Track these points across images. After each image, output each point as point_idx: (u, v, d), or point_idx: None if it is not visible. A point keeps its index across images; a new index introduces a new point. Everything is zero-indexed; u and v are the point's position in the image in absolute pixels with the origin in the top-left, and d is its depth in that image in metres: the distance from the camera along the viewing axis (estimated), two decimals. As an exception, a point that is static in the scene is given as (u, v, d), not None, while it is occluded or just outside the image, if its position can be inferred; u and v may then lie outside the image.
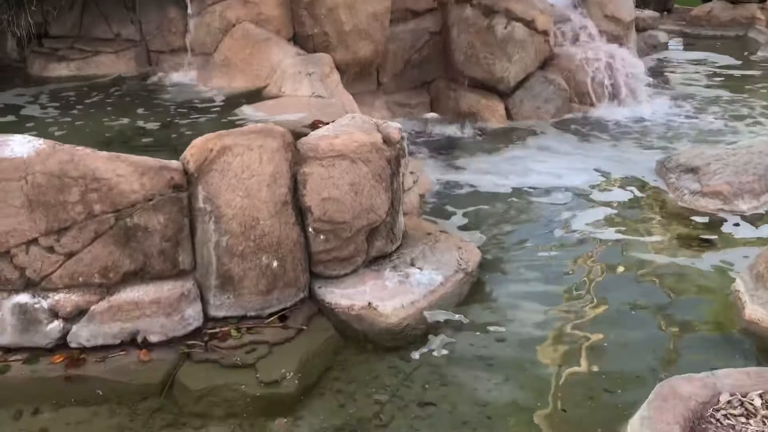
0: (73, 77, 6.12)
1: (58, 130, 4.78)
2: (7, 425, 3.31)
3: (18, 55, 6.49)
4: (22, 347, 3.59)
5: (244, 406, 3.39)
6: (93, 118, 5.17)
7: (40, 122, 5.01)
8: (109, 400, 3.46)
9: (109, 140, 4.63)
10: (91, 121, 5.09)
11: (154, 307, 3.63)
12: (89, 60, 6.26)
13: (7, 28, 6.12)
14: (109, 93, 5.84)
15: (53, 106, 5.46)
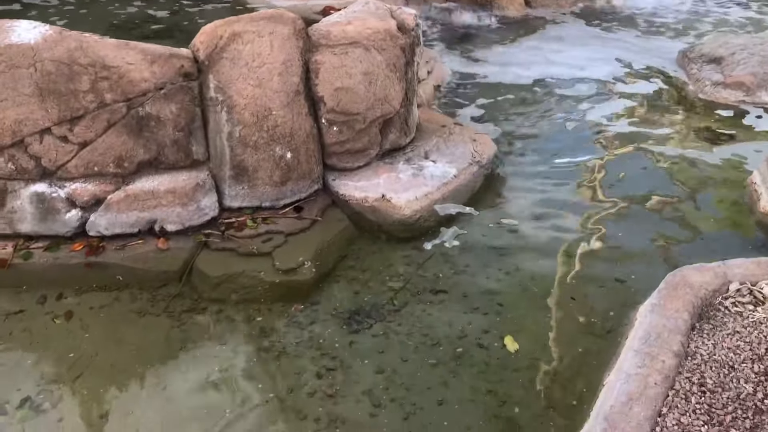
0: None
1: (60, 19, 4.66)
2: (33, 309, 3.43)
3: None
4: (43, 235, 3.66)
5: (262, 293, 3.48)
6: (98, 5, 5.02)
7: (42, 10, 4.87)
8: (129, 286, 3.56)
9: (117, 27, 4.52)
10: (96, 8, 4.95)
11: (170, 197, 3.66)
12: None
13: None
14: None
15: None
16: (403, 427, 2.77)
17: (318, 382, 3.01)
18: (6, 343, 3.23)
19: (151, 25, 4.65)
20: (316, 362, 3.12)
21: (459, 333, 3.23)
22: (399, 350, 3.15)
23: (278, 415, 2.84)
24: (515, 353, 3.10)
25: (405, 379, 2.99)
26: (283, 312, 3.41)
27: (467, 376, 2.99)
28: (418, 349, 3.15)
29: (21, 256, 3.56)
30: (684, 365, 2.63)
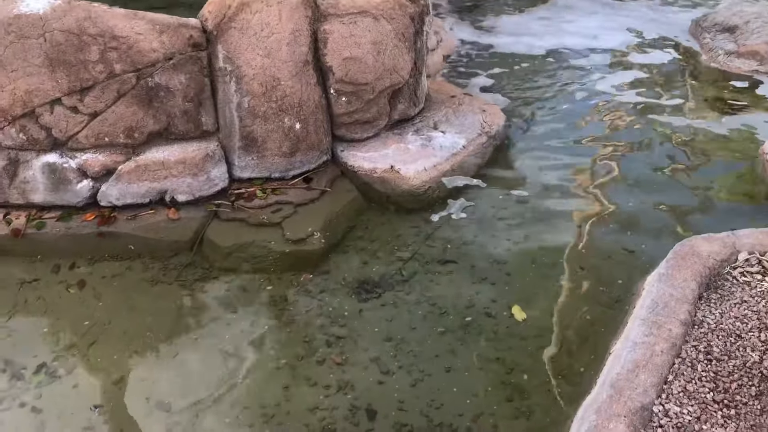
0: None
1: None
2: (48, 278, 3.48)
3: None
4: (55, 205, 3.70)
5: (272, 262, 3.51)
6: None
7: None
8: (141, 255, 3.61)
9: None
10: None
11: (180, 168, 3.68)
12: None
13: None
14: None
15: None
16: (412, 394, 2.81)
17: (328, 349, 3.05)
18: (21, 311, 3.29)
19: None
20: (326, 330, 3.16)
21: (467, 302, 3.25)
22: (407, 319, 3.19)
23: (289, 381, 2.89)
24: (523, 322, 3.13)
25: (413, 347, 3.03)
26: (293, 281, 3.45)
27: (475, 344, 3.02)
28: (426, 318, 3.19)
29: (34, 226, 3.61)
30: (691, 334, 2.65)
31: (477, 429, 2.63)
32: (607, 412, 2.33)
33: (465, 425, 2.65)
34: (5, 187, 3.64)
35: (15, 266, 3.54)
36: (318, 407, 2.77)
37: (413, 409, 2.74)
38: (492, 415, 2.68)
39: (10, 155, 3.65)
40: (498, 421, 2.65)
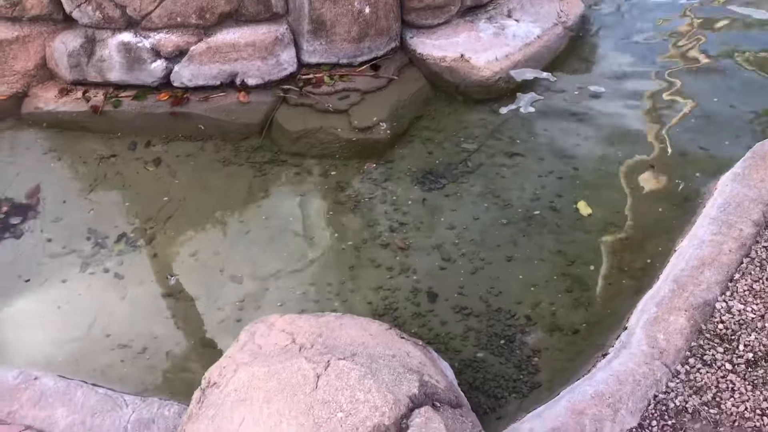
0: None
1: None
2: (125, 154, 3.63)
3: None
4: (130, 84, 3.80)
5: (338, 149, 3.56)
6: None
7: None
8: (213, 136, 3.70)
9: None
10: None
11: (250, 50, 3.69)
12: None
13: None
14: None
15: None
16: (472, 280, 2.88)
17: (391, 234, 3.13)
18: (101, 185, 3.46)
19: None
20: (389, 217, 3.22)
21: (531, 195, 3.25)
22: (471, 209, 3.22)
23: (354, 262, 3.00)
24: (588, 217, 3.12)
25: (475, 236, 3.07)
26: (358, 168, 3.50)
27: (537, 236, 3.04)
28: (490, 209, 3.21)
29: (111, 104, 3.73)
30: (762, 235, 2.60)
31: (535, 316, 2.70)
32: (668, 306, 2.34)
33: (523, 312, 2.72)
34: (83, 65, 3.73)
35: (94, 142, 3.70)
36: (381, 287, 2.88)
37: (473, 294, 2.81)
38: (551, 304, 2.73)
39: (87, 33, 3.72)
40: (557, 310, 2.71)
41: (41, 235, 3.17)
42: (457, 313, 2.75)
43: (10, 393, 2.20)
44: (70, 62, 3.71)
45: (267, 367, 1.87)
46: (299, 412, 1.73)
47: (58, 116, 3.72)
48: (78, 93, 3.79)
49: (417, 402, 1.81)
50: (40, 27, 3.78)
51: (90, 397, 2.20)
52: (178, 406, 2.23)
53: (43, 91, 3.83)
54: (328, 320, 2.17)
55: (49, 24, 3.78)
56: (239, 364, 1.96)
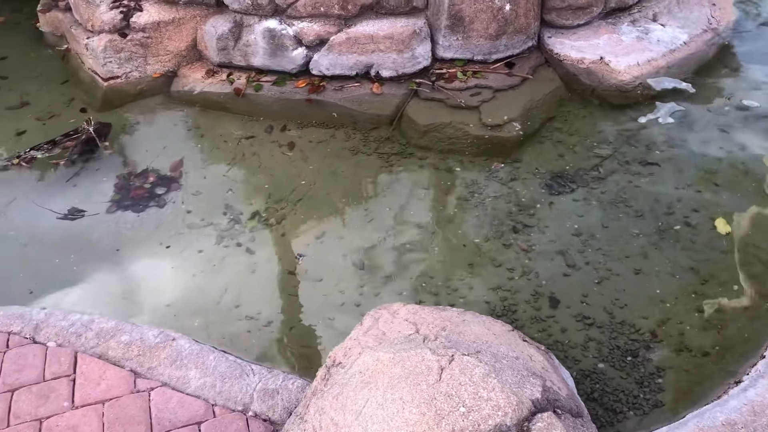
0: None
1: None
2: (262, 136, 3.80)
3: None
4: (271, 70, 3.96)
5: (466, 145, 3.56)
6: None
7: None
8: (344, 125, 3.80)
9: None
10: None
11: (388, 43, 3.75)
12: None
13: None
14: None
15: None
16: (596, 290, 2.80)
17: (514, 235, 3.10)
18: (239, 163, 3.64)
19: None
20: (514, 217, 3.19)
21: (666, 208, 3.12)
22: (600, 217, 3.13)
23: (474, 259, 3.00)
24: (726, 236, 2.95)
25: (603, 245, 2.99)
26: (485, 166, 3.49)
27: (670, 251, 2.91)
28: (621, 218, 3.11)
29: (253, 87, 3.91)
30: None
31: (661, 333, 2.59)
32: (815, 339, 2.19)
33: (649, 328, 2.62)
34: (230, 49, 3.94)
35: (234, 123, 3.89)
36: (501, 287, 2.86)
37: (596, 304, 2.74)
38: (680, 322, 2.62)
39: (236, 18, 3.92)
40: (686, 329, 2.59)
41: (182, 207, 3.38)
42: (579, 321, 2.69)
43: (150, 351, 2.38)
44: (218, 45, 3.93)
45: (392, 353, 1.92)
46: (422, 401, 1.76)
47: (204, 96, 3.95)
48: (223, 75, 4.01)
49: (539, 407, 1.80)
50: (193, 10, 4.02)
51: (221, 363, 2.34)
52: (301, 380, 2.33)
53: (191, 72, 4.07)
54: (451, 315, 2.19)
55: (202, 8, 4.02)
56: (364, 348, 2.01)
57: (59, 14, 4.48)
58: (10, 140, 3.79)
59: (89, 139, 3.65)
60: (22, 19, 4.80)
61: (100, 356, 2.35)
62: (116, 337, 2.40)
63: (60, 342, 2.40)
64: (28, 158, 3.59)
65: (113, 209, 3.37)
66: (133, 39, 3.94)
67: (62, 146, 3.65)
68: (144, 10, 3.97)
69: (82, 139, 3.65)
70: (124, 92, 4.02)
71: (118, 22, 3.91)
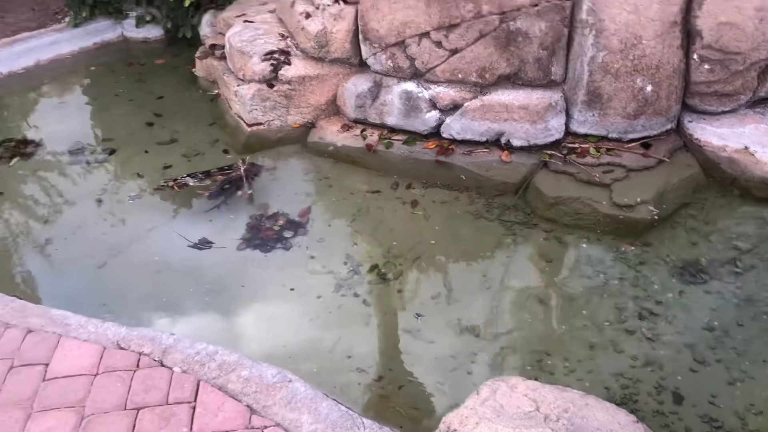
0: None
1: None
2: (387, 192, 3.89)
3: None
4: (403, 129, 4.08)
5: (594, 222, 3.49)
6: None
7: None
8: (469, 189, 3.83)
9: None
10: None
11: (522, 113, 3.78)
12: None
13: None
14: None
15: None
16: (727, 391, 2.62)
17: (639, 322, 2.97)
18: (363, 216, 3.73)
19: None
20: (639, 303, 3.07)
21: (812, 313, 2.90)
22: (735, 313, 2.95)
23: (595, 341, 2.89)
24: None
25: (737, 344, 2.80)
26: (612, 246, 3.39)
27: (814, 360, 2.70)
28: (758, 317, 2.91)
29: (384, 144, 4.03)
30: None
31: (801, 450, 2.38)
32: None
33: (787, 442, 2.42)
34: (367, 106, 4.10)
35: (362, 176, 4.01)
36: (622, 374, 2.74)
37: (727, 407, 2.56)
38: (824, 441, 2.40)
39: (376, 79, 4.09)
40: (831, 450, 2.37)
41: (306, 252, 3.49)
42: (706, 422, 2.52)
43: (267, 389, 2.44)
44: (356, 102, 4.10)
45: (511, 428, 1.87)
46: (540, 484, 1.70)
47: (337, 148, 4.11)
48: (357, 130, 4.16)
49: None
50: (337, 68, 4.23)
51: (333, 411, 2.35)
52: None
53: (328, 125, 4.26)
54: (573, 396, 2.11)
55: (346, 67, 4.22)
56: (481, 418, 1.98)
57: (214, 61, 4.85)
58: (157, 172, 4.09)
59: (238, 177, 3.87)
60: (181, 63, 5.22)
61: (220, 387, 2.43)
62: (237, 371, 2.48)
63: (185, 369, 2.51)
64: (182, 183, 3.86)
65: (243, 246, 3.53)
66: (279, 90, 4.18)
67: (213, 179, 3.90)
68: (292, 64, 4.22)
69: (232, 176, 3.89)
70: (265, 138, 4.26)
71: (267, 73, 4.18)
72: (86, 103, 5.03)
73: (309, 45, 4.21)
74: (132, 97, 4.90)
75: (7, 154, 4.31)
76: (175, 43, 5.48)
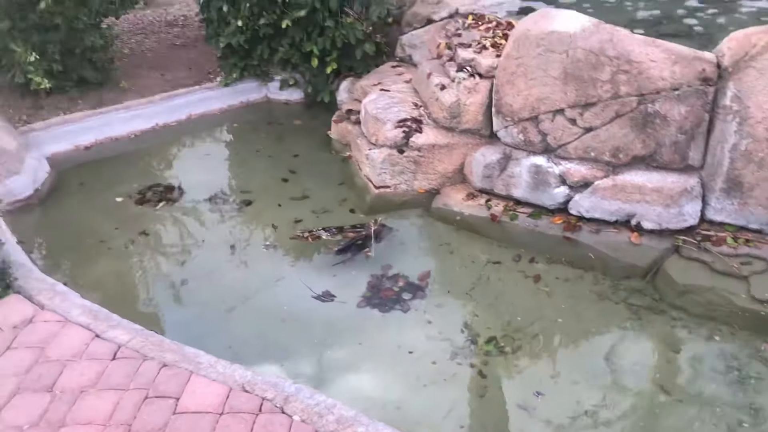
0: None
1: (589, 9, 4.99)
2: (508, 265, 3.88)
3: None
4: (529, 202, 4.08)
5: (728, 315, 3.31)
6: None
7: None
8: (595, 268, 3.75)
9: (637, 23, 4.66)
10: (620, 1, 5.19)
11: (655, 196, 3.69)
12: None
13: None
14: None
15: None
16: None
17: (777, 427, 2.76)
18: (483, 285, 3.73)
19: (670, 24, 4.67)
20: (780, 407, 2.85)
21: None
22: None
23: (727, 443, 2.71)
24: None
25: None
26: (749, 342, 3.20)
27: None
28: None
29: (508, 216, 4.04)
30: None
31: None
32: None
33: None
34: (493, 177, 4.15)
35: (484, 246, 4.03)
36: (757, 483, 2.54)
37: None
38: None
39: (505, 151, 4.14)
40: None
41: (424, 316, 3.52)
42: None
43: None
44: (483, 173, 4.16)
45: None
46: None
47: (460, 216, 4.16)
48: (481, 200, 4.20)
49: None
50: (467, 139, 4.32)
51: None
52: None
53: (453, 192, 4.33)
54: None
55: (476, 138, 4.31)
56: None
57: (349, 126, 5.09)
58: (287, 225, 4.29)
59: (368, 236, 4.00)
60: (317, 125, 5.52)
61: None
62: (353, 427, 2.51)
63: (304, 418, 2.57)
64: (316, 235, 4.03)
65: (363, 304, 3.61)
66: (408, 156, 4.32)
67: (344, 234, 4.04)
68: (423, 132, 4.36)
69: (362, 234, 4.02)
70: (390, 201, 4.39)
71: (399, 139, 4.34)
72: (228, 156, 5.41)
73: (441, 115, 4.35)
74: (270, 154, 5.22)
75: (155, 198, 4.68)
76: (313, 106, 5.81)
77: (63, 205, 4.59)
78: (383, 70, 5.42)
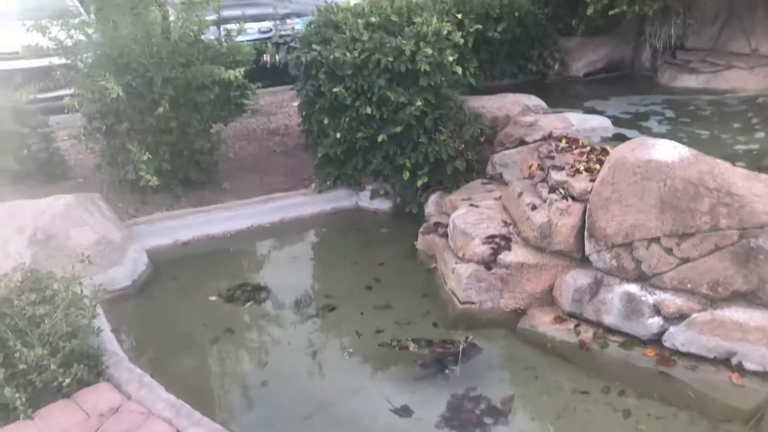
0: (700, 90, 6.25)
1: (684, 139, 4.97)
2: (597, 396, 3.69)
3: (650, 65, 6.99)
4: (621, 331, 3.92)
5: None
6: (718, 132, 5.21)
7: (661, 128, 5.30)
8: (690, 407, 3.52)
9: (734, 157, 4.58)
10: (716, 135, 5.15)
11: (758, 335, 3.49)
12: (719, 74, 6.27)
13: (648, 39, 6.65)
14: (737, 109, 5.76)
15: (674, 115, 5.73)
16: None
17: None
18: (569, 416, 3.55)
19: None
20: None
21: None
22: None
23: None
24: None
25: None
26: None
27: None
28: None
29: (598, 344, 3.89)
30: None
31: None
32: None
33: None
34: (584, 302, 4.04)
35: (571, 373, 3.87)
36: None
37: None
38: None
39: (597, 276, 4.05)
40: None
41: (503, 443, 3.38)
42: None
43: None
44: (573, 296, 4.07)
45: None
46: None
47: (547, 340, 4.04)
48: (570, 324, 4.08)
49: None
50: (557, 260, 4.27)
51: None
52: None
53: (540, 314, 4.23)
54: None
55: (566, 260, 4.25)
56: None
57: (435, 238, 5.14)
58: (369, 334, 4.29)
59: (456, 353, 3.93)
60: (404, 235, 5.59)
61: None
62: None
63: None
64: (404, 345, 4.00)
65: (441, 424, 3.50)
66: (495, 273, 4.29)
67: (432, 349, 3.99)
68: (512, 250, 4.35)
69: (450, 350, 3.96)
70: (475, 318, 4.32)
71: (487, 256, 4.33)
72: (316, 260, 5.53)
73: (531, 234, 4.33)
74: (356, 261, 5.30)
75: (243, 296, 4.80)
76: (401, 216, 5.91)
77: (156, 298, 4.78)
78: (473, 186, 5.50)
